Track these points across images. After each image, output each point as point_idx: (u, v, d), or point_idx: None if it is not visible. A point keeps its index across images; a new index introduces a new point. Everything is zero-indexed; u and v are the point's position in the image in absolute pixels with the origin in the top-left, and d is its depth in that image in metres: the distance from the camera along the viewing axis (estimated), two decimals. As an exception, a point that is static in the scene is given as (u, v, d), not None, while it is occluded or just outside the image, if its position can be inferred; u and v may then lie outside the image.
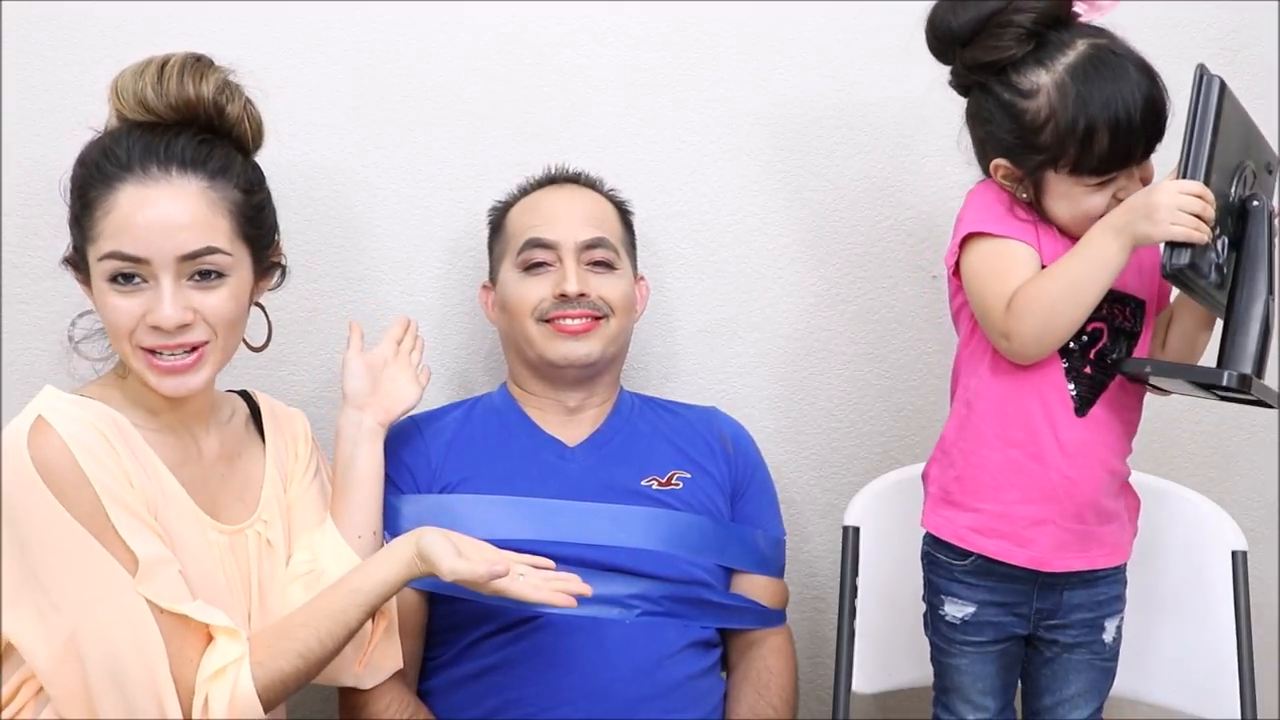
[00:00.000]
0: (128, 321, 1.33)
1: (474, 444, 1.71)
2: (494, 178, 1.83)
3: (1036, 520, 1.47)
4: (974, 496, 1.50)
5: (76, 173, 1.36)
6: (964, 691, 1.54)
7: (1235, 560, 1.68)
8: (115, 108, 1.37)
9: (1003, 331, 1.43)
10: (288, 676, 1.34)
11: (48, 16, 1.74)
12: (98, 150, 1.35)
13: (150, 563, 1.28)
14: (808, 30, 1.91)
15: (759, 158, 1.93)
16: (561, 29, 1.87)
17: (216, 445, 1.45)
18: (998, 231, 1.45)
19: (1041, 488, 1.46)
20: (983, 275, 1.45)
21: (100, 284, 1.33)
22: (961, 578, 1.52)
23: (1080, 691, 1.55)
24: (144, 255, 1.31)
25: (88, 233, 1.33)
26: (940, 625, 1.55)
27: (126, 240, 1.31)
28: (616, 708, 1.57)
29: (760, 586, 1.74)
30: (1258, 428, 2.06)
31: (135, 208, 1.31)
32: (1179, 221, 1.32)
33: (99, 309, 1.36)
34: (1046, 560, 1.48)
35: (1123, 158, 1.40)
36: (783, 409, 1.98)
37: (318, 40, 1.81)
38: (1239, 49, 1.99)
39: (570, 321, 1.69)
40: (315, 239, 1.83)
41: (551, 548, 1.62)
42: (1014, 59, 1.42)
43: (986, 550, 1.49)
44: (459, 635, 1.62)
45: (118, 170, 1.32)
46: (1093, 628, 1.54)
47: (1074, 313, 1.40)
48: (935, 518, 1.54)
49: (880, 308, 1.98)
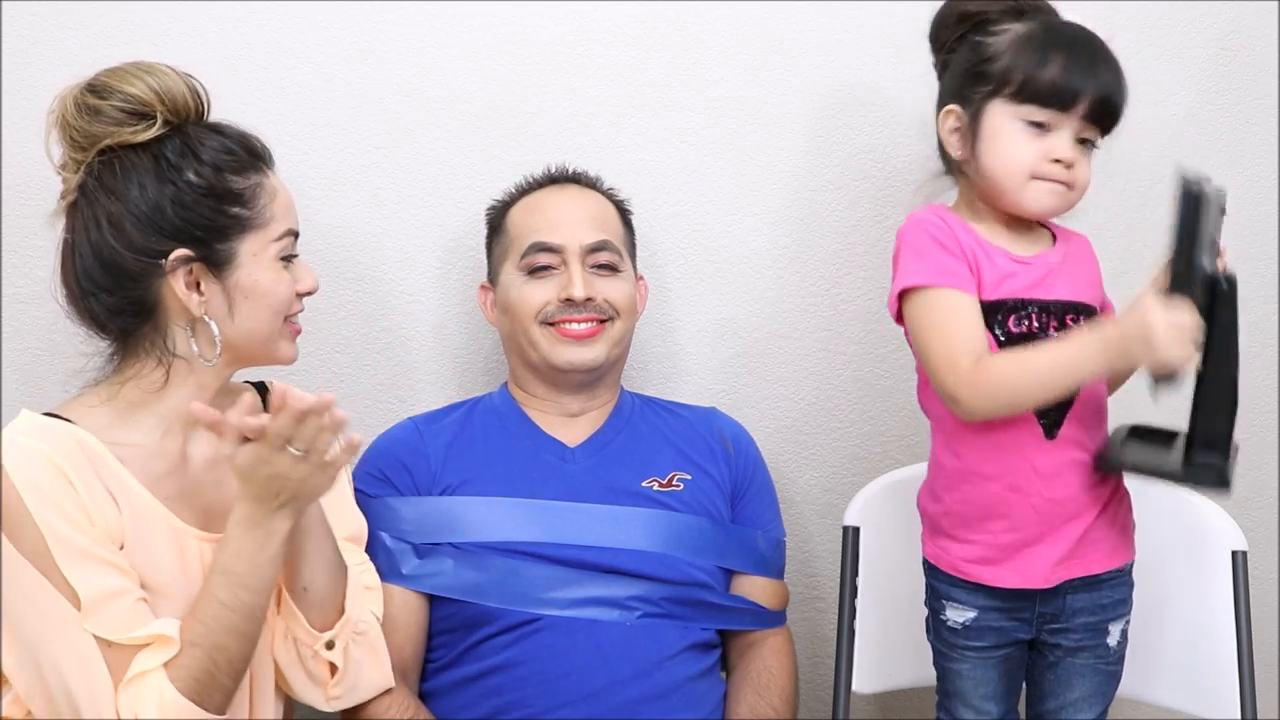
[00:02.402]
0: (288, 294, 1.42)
1: (474, 445, 1.71)
2: (494, 178, 1.83)
3: (1028, 542, 1.47)
4: (964, 530, 1.50)
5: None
6: (966, 696, 1.54)
7: (1235, 560, 1.68)
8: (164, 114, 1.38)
9: (952, 395, 1.41)
10: (200, 673, 1.30)
11: (48, 16, 1.74)
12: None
13: (96, 599, 1.28)
14: (807, 30, 1.91)
15: (759, 158, 1.92)
16: (561, 29, 1.87)
17: (210, 450, 1.42)
18: (934, 281, 1.43)
19: (1026, 514, 1.46)
20: (926, 331, 1.44)
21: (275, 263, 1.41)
22: (962, 584, 1.52)
23: (1084, 696, 1.54)
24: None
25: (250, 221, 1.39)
26: (942, 630, 1.55)
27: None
28: (616, 709, 1.57)
29: (760, 587, 1.74)
30: (1258, 428, 2.06)
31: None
32: (1178, 351, 1.30)
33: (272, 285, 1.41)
34: (1046, 578, 1.48)
35: (1071, 96, 1.41)
36: (782, 409, 1.98)
37: (318, 40, 1.81)
38: (1239, 49, 1.99)
39: (576, 325, 1.69)
40: (315, 239, 1.83)
41: (552, 549, 1.62)
42: (995, 13, 1.47)
43: (984, 579, 1.49)
44: (460, 637, 1.62)
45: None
46: (1096, 631, 1.53)
47: (1036, 402, 1.41)
48: (932, 547, 1.55)
49: (880, 308, 1.96)
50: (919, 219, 1.47)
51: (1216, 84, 2.00)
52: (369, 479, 1.69)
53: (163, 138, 1.37)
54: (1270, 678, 1.98)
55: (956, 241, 1.45)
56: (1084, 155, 1.45)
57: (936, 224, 1.46)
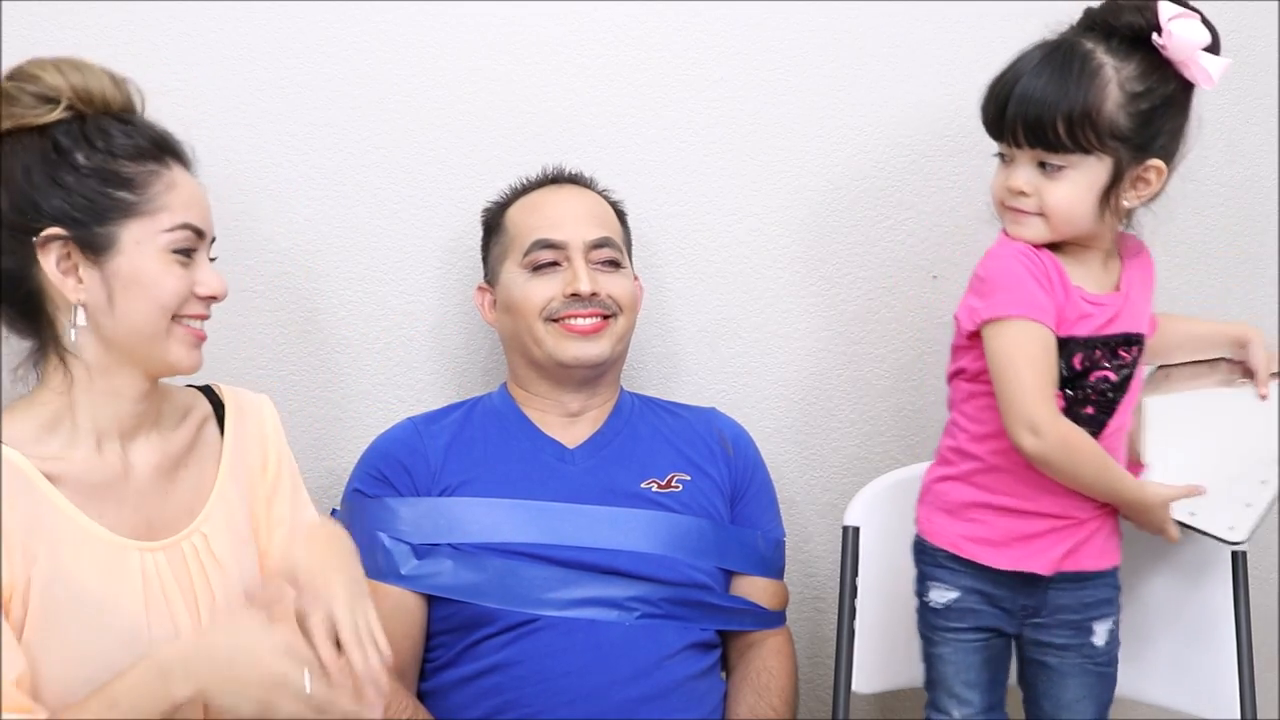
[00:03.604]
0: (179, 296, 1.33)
1: (473, 446, 1.71)
2: (493, 178, 1.83)
3: (1051, 529, 1.50)
4: (980, 511, 1.52)
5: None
6: (947, 683, 1.55)
7: (1235, 560, 1.68)
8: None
9: (1032, 424, 1.43)
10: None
11: (48, 16, 1.73)
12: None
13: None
14: (807, 30, 1.90)
15: (759, 158, 1.92)
16: (561, 29, 1.87)
17: (155, 458, 1.37)
18: (1031, 315, 1.45)
19: (1068, 503, 1.50)
20: (1015, 360, 1.45)
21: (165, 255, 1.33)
22: (946, 563, 1.54)
23: (1078, 697, 1.55)
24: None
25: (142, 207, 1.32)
26: (926, 614, 1.57)
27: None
28: (616, 709, 1.57)
29: (760, 588, 1.74)
30: (1258, 428, 2.06)
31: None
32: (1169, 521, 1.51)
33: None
34: (1051, 565, 1.50)
35: (994, 126, 1.48)
36: (782, 409, 1.98)
37: (318, 40, 1.81)
38: (1239, 49, 1.98)
39: (581, 321, 1.69)
40: (314, 239, 1.83)
41: (551, 550, 1.62)
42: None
43: (980, 558, 1.51)
44: (458, 637, 1.62)
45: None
46: (1079, 629, 1.54)
47: (1081, 482, 1.49)
48: (929, 524, 1.57)
49: (880, 308, 1.97)
50: (1017, 248, 1.48)
51: (1217, 84, 1.99)
52: (368, 479, 1.69)
53: (63, 122, 1.31)
54: (1270, 678, 1.98)
55: (1049, 279, 1.47)
56: (1049, 179, 1.45)
57: (1033, 258, 1.47)
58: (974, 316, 1.48)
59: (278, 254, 1.82)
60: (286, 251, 1.82)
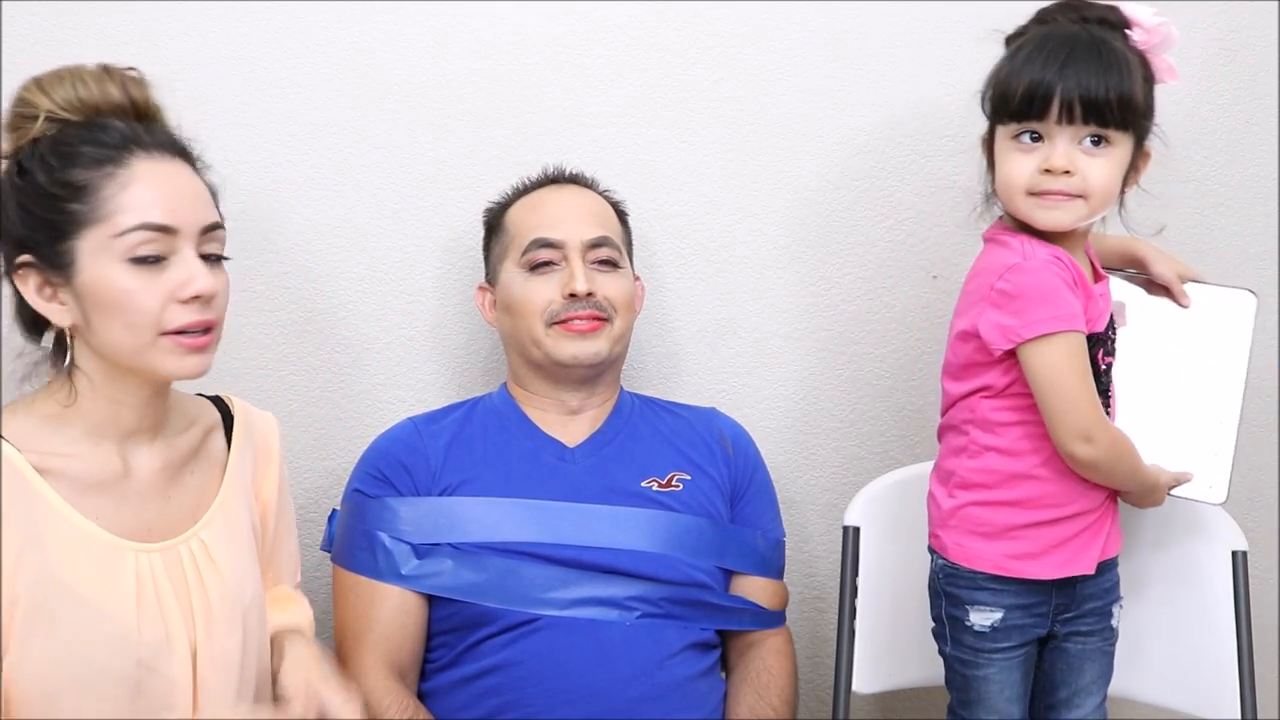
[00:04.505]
0: (156, 304, 1.26)
1: (474, 445, 1.71)
2: (493, 178, 1.83)
3: (1086, 529, 1.51)
4: (1012, 526, 1.50)
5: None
6: (991, 702, 1.52)
7: (1235, 560, 1.68)
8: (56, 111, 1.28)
9: (1087, 434, 1.43)
10: None
11: (48, 16, 1.74)
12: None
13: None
14: (807, 30, 1.91)
15: (759, 158, 1.92)
16: (561, 29, 1.87)
17: (158, 461, 1.36)
18: (1074, 326, 1.43)
19: (1084, 509, 1.51)
20: (1066, 374, 1.43)
21: (125, 265, 1.26)
22: (986, 585, 1.51)
23: (1093, 680, 1.56)
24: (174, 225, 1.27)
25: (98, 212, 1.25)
26: (966, 636, 1.53)
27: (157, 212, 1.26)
28: (616, 708, 1.57)
29: (760, 588, 1.74)
30: (1258, 428, 2.06)
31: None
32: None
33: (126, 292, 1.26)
34: (1090, 564, 1.51)
35: (1043, 101, 1.40)
36: (783, 409, 1.98)
37: (318, 40, 1.81)
38: (1239, 49, 1.99)
39: (579, 322, 1.69)
40: (314, 239, 1.83)
41: (551, 549, 1.62)
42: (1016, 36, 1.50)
43: (1026, 574, 1.49)
44: (459, 637, 1.62)
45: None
46: (1102, 615, 1.56)
47: (1117, 479, 1.50)
48: (960, 550, 1.52)
49: (880, 308, 1.97)
50: (1043, 259, 1.44)
51: (1216, 84, 2.00)
52: (368, 479, 1.69)
53: (27, 144, 1.26)
54: (1270, 678, 1.98)
55: (1075, 282, 1.45)
56: (1092, 157, 1.42)
57: (1059, 266, 1.44)
58: (1009, 336, 1.43)
59: (278, 254, 1.82)
60: (286, 251, 1.82)
